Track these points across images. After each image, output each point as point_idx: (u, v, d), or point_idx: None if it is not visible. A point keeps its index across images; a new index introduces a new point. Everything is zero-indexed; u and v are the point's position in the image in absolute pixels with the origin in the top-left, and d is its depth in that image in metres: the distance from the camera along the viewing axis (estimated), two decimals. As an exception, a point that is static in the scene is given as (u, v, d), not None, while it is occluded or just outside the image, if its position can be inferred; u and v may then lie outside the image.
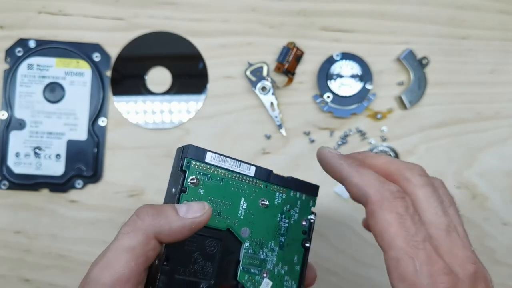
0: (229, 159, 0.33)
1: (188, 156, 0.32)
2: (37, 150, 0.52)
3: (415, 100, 0.54)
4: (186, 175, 0.32)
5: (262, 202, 0.35)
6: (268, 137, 0.54)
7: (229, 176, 0.34)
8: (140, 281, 0.28)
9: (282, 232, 0.36)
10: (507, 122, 0.54)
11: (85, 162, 0.53)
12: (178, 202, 0.31)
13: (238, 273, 0.34)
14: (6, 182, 0.52)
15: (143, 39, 0.54)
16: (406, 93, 0.53)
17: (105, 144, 0.53)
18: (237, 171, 0.34)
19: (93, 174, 0.52)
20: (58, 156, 0.53)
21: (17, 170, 0.52)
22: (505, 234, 0.53)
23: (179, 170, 0.32)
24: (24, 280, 0.52)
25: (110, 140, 0.53)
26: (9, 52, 0.53)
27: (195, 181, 0.32)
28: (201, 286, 0.32)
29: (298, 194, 0.36)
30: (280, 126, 0.53)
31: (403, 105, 0.54)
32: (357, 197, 0.30)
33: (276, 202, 0.35)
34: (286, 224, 0.36)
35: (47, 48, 0.53)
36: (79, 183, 0.52)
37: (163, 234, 0.29)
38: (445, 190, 0.31)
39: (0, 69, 0.53)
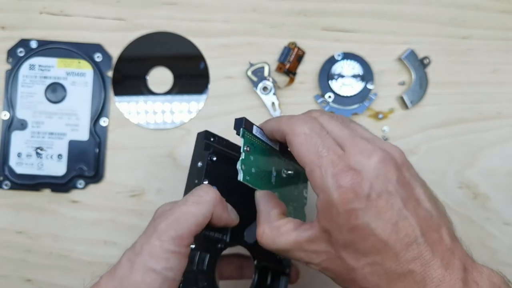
0: (264, 134, 0.38)
1: (243, 127, 0.36)
2: (38, 150, 0.53)
3: (417, 100, 0.54)
4: (243, 142, 0.36)
5: (284, 172, 0.40)
6: (270, 137, 0.54)
7: (266, 148, 0.38)
8: (191, 243, 0.34)
9: (294, 198, 0.41)
10: (509, 122, 0.54)
11: (86, 162, 0.53)
12: (204, 175, 0.37)
13: None
14: (8, 182, 0.52)
15: (144, 39, 0.54)
16: (408, 93, 0.53)
17: (106, 144, 0.53)
18: (270, 144, 0.38)
19: (95, 174, 0.53)
20: (59, 156, 0.53)
21: (19, 170, 0.52)
22: (507, 234, 0.53)
23: (238, 135, 0.36)
24: (25, 280, 0.52)
25: (112, 140, 0.53)
26: (11, 52, 0.53)
27: (248, 149, 0.36)
28: (219, 245, 0.38)
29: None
30: (281, 126, 0.53)
31: (404, 105, 0.54)
32: (281, 138, 0.35)
33: (291, 173, 0.41)
34: (296, 193, 0.42)
35: (48, 48, 0.53)
36: (80, 183, 0.53)
37: (214, 215, 0.35)
38: (340, 116, 0.36)
39: (2, 70, 0.53)
